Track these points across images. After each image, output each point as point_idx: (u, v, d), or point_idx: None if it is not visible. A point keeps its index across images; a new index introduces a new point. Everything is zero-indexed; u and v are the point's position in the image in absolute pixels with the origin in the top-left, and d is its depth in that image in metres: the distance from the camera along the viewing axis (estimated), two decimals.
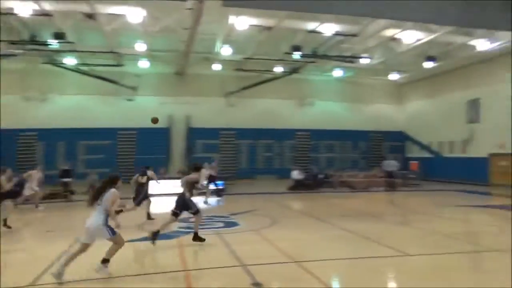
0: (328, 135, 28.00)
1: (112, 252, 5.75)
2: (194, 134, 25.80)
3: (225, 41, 20.07)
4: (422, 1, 11.49)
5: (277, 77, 24.87)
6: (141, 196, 10.82)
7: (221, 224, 10.05)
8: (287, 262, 6.54)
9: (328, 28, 17.87)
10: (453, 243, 8.29)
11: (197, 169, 8.25)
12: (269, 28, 18.25)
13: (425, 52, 21.58)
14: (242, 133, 26.63)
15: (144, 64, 23.12)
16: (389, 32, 18.81)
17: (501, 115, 21.61)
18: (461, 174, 23.79)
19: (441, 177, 24.87)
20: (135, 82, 24.39)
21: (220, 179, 18.51)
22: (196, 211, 7.86)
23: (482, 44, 19.78)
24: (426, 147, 27.76)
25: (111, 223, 5.80)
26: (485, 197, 18.06)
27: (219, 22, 17.82)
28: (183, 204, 7.81)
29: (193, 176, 8.06)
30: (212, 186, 15.96)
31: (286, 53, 20.46)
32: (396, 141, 29.69)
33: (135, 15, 16.25)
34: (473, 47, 20.42)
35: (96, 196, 5.70)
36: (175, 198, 8.05)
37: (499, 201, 16.67)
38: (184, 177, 8.27)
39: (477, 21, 12.82)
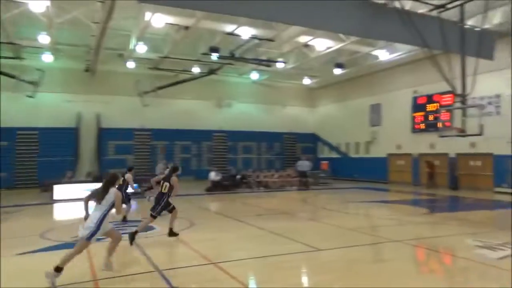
0: (245, 136, 28.52)
1: (111, 249, 6.05)
2: (105, 134, 24.37)
3: (140, 38, 19.33)
4: (332, 12, 12.28)
5: (194, 78, 24.65)
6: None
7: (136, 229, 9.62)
8: (204, 264, 6.51)
9: (245, 31, 18.21)
10: (358, 236, 8.99)
11: (176, 169, 8.75)
12: (186, 28, 17.99)
13: (335, 59, 23.18)
14: (158, 134, 25.87)
15: (47, 58, 21.19)
16: (303, 39, 19.80)
17: (398, 119, 24.08)
18: (365, 172, 25.97)
19: (348, 175, 26.89)
20: (37, 77, 22.21)
21: (135, 181, 17.74)
22: (172, 208, 8.44)
23: (383, 54, 21.86)
24: (335, 148, 29.74)
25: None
26: (385, 193, 19.92)
27: (133, 18, 17.11)
28: (162, 203, 8.32)
29: (175, 178, 8.52)
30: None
31: (204, 53, 20.39)
32: (308, 142, 31.35)
33: (38, 3, 14.85)
34: (376, 56, 22.46)
35: (102, 196, 5.76)
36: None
37: (397, 196, 18.56)
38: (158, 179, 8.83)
39: (379, 33, 14.09)
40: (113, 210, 5.89)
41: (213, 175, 20.10)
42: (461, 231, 9.54)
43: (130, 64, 22.94)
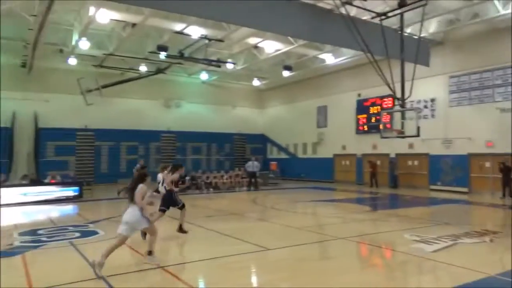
0: (194, 137, 28.19)
1: (152, 242, 6.47)
2: (44, 135, 22.95)
3: (83, 34, 18.42)
4: (281, 15, 12.50)
5: (141, 77, 23.93)
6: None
7: (77, 234, 9.13)
8: (152, 268, 6.33)
9: (195, 31, 18.00)
10: (305, 235, 9.22)
11: (176, 168, 9.28)
12: (133, 25, 17.44)
13: (283, 61, 23.63)
14: (103, 134, 24.82)
15: None
16: (252, 40, 19.96)
17: (343, 120, 25.03)
18: (312, 172, 26.70)
19: (296, 176, 27.50)
20: None
21: (76, 184, 16.97)
22: (182, 206, 8.83)
23: (329, 58, 22.61)
24: (284, 148, 30.28)
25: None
26: (331, 192, 20.61)
27: (76, 12, 16.28)
28: (171, 200, 8.72)
29: (175, 175, 8.98)
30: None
31: (151, 52, 19.87)
32: (258, 143, 31.65)
33: None
34: (323, 60, 23.18)
35: (132, 193, 6.14)
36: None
37: (342, 195, 19.25)
38: (166, 176, 9.20)
39: (326, 37, 14.58)
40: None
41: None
42: (400, 227, 10.09)
43: (72, 61, 21.84)
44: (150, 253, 6.46)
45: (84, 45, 19.26)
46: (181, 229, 8.91)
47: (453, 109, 19.41)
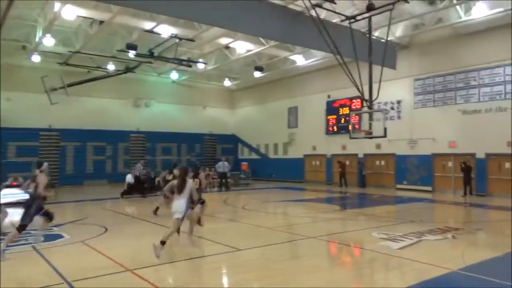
0: (164, 137, 27.79)
1: (192, 227, 8.39)
2: (5, 135, 21.87)
3: (48, 30, 17.76)
4: (253, 16, 12.54)
5: (109, 75, 23.32)
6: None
7: (41, 239, 8.78)
8: (120, 272, 6.19)
9: (165, 30, 17.74)
10: (276, 234, 9.28)
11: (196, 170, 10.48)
12: (101, 22, 16.99)
13: (255, 62, 23.69)
14: (68, 134, 24.03)
15: None
16: (224, 41, 19.88)
17: (314, 121, 25.38)
18: (283, 173, 26.91)
19: (267, 176, 27.63)
20: None
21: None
22: (203, 201, 10.04)
23: (300, 60, 22.87)
24: (255, 149, 30.36)
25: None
26: (301, 192, 20.83)
27: (40, 7, 15.69)
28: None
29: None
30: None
31: (120, 50, 19.42)
32: (229, 143, 31.57)
33: None
34: (294, 61, 23.41)
35: (181, 187, 7.36)
36: None
37: (312, 195, 19.50)
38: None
39: (297, 39, 14.74)
40: None
41: (130, 178, 19.19)
42: (368, 225, 10.34)
43: (36, 58, 21.04)
44: (191, 233, 8.35)
45: (49, 42, 18.60)
46: (199, 221, 9.80)
47: (418, 110, 20.10)
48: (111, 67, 23.01)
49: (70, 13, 15.59)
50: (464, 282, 5.86)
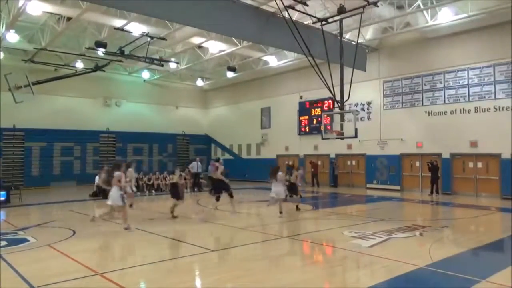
0: (136, 137, 27.27)
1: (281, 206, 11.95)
2: None
3: (12, 26, 17.04)
4: (226, 16, 12.50)
5: (78, 73, 22.62)
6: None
7: (4, 243, 8.41)
8: (89, 276, 6.01)
9: (136, 28, 17.39)
10: (249, 234, 9.29)
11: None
12: (68, 19, 16.46)
13: (227, 62, 23.63)
14: (33, 134, 23.15)
15: None
16: (196, 40, 19.71)
17: (286, 122, 25.58)
18: (256, 173, 26.92)
19: (241, 176, 27.57)
20: None
21: (3, 188, 15.63)
22: (231, 192, 12.02)
23: (273, 60, 22.99)
24: (228, 149, 30.28)
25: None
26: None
27: (3, 1, 15.04)
28: (223, 186, 11.85)
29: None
30: None
31: (89, 48, 18.88)
32: (202, 143, 31.33)
33: None
34: (266, 62, 23.51)
35: (274, 177, 11.63)
36: None
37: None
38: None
39: (269, 40, 14.82)
40: None
41: (99, 179, 18.69)
42: (339, 224, 10.53)
43: None
44: (281, 212, 11.80)
45: (13, 38, 17.84)
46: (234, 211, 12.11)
47: (387, 112, 20.64)
48: (79, 65, 22.33)
49: (36, 8, 15.02)
50: (432, 278, 6.06)
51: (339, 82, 13.85)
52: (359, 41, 15.29)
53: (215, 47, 20.64)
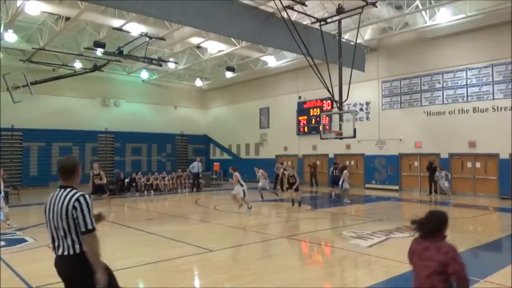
0: (134, 138, 27.22)
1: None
2: None
3: (10, 26, 16.99)
4: (225, 16, 12.50)
5: (76, 74, 22.57)
6: None
7: (2, 243, 8.40)
8: None
9: (135, 28, 17.37)
10: (248, 235, 9.29)
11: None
12: (67, 19, 16.44)
13: (226, 62, 23.62)
14: (32, 134, 23.10)
15: None
16: (195, 40, 19.70)
17: (285, 122, 25.58)
18: (255, 173, 26.88)
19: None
20: None
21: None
22: (297, 187, 14.29)
23: (271, 60, 23.00)
24: (227, 149, 30.27)
25: None
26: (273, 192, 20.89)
27: (1, 1, 15.01)
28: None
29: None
30: None
31: (87, 48, 18.85)
32: (200, 143, 31.30)
33: None
34: (265, 62, 23.51)
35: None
36: None
37: (283, 195, 19.61)
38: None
39: (268, 40, 14.82)
40: None
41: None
42: (338, 224, 10.54)
43: None
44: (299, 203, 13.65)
45: (11, 37, 17.81)
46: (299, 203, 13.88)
47: (386, 112, 20.66)
48: (78, 65, 22.29)
49: (34, 8, 14.98)
50: None
51: (338, 82, 13.87)
52: (357, 41, 15.32)
53: (214, 47, 20.64)
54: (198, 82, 28.62)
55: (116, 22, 16.86)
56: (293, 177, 14.44)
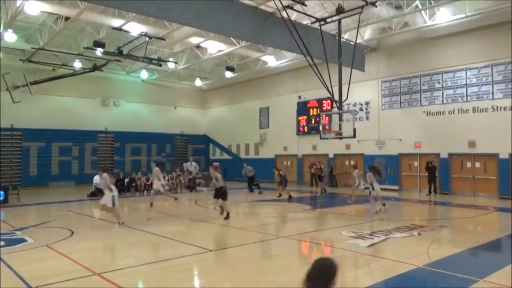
0: (134, 137, 27.21)
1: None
2: None
3: (9, 26, 16.97)
4: (225, 16, 12.49)
5: (76, 73, 22.55)
6: None
7: (2, 243, 8.39)
8: (86, 276, 6.01)
9: (134, 28, 17.36)
10: (247, 234, 9.28)
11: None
12: (67, 19, 16.43)
13: (226, 62, 23.62)
14: (32, 134, 23.09)
15: None
16: (194, 40, 19.69)
17: (285, 122, 25.58)
18: (255, 173, 26.88)
19: (239, 176, 27.52)
20: None
21: (1, 188, 15.59)
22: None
23: (271, 60, 22.99)
24: (226, 149, 30.26)
25: None
26: (272, 192, 20.88)
27: (1, 1, 15.00)
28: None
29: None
30: None
31: (87, 48, 18.84)
32: (200, 143, 31.30)
33: None
34: (265, 62, 23.51)
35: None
36: None
37: (283, 195, 19.60)
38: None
39: (268, 40, 14.82)
40: None
41: (97, 179, 18.66)
42: (337, 224, 10.54)
43: None
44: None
45: (10, 37, 17.80)
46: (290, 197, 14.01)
47: (385, 111, 20.66)
48: (77, 65, 22.29)
49: (34, 8, 14.98)
50: (430, 278, 6.07)
51: (338, 82, 13.86)
52: (357, 41, 15.31)
53: (214, 47, 20.63)
54: (198, 82, 28.62)
55: (116, 22, 16.85)
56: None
